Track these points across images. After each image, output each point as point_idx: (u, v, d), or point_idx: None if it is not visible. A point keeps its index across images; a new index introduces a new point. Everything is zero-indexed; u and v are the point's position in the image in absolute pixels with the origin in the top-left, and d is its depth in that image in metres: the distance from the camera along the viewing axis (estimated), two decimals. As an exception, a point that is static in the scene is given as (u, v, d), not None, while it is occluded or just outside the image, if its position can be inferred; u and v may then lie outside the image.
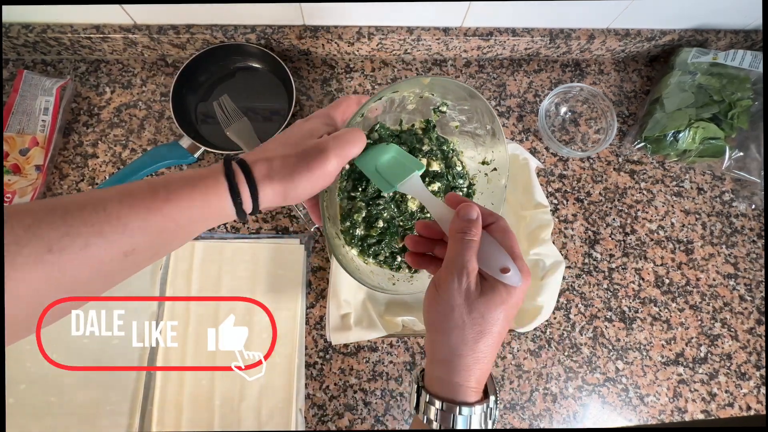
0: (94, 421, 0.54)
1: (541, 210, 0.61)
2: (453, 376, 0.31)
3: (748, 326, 0.65)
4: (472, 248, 0.31)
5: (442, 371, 0.32)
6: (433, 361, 0.33)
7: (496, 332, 0.31)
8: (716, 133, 0.64)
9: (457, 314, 0.30)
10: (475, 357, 0.31)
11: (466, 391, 0.31)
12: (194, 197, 0.29)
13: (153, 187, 0.28)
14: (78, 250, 0.25)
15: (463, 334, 0.30)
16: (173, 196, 0.28)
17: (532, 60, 0.75)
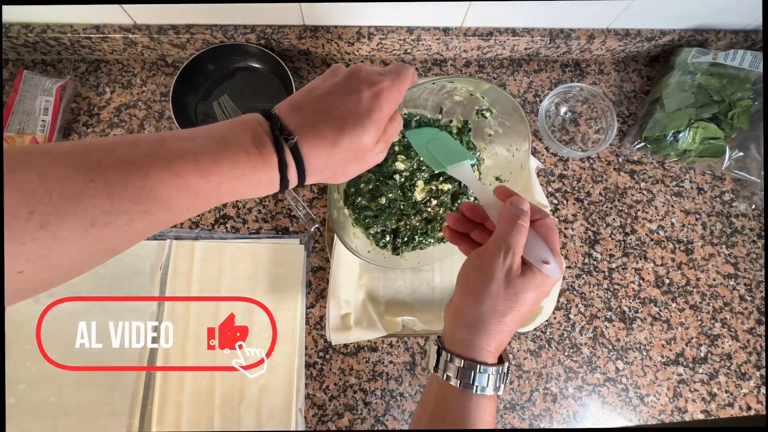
0: (94, 421, 0.54)
1: (541, 210, 0.61)
2: (476, 339, 0.34)
3: (748, 326, 0.65)
4: (522, 233, 0.34)
5: (465, 333, 0.35)
6: (458, 323, 0.36)
7: (523, 310, 0.34)
8: (716, 133, 0.64)
9: (494, 286, 0.33)
10: (500, 327, 0.34)
11: (485, 353, 0.34)
12: (246, 183, 0.28)
13: (199, 169, 0.26)
14: (122, 225, 0.25)
15: (495, 304, 0.34)
16: (224, 185, 0.27)
17: (532, 60, 0.75)
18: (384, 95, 0.31)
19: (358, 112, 0.30)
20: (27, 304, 0.56)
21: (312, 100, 0.30)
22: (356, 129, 0.30)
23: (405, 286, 0.62)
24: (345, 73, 0.32)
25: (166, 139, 0.26)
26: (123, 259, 0.60)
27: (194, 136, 0.27)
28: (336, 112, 0.30)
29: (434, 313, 0.60)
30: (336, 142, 0.29)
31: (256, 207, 0.65)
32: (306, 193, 0.66)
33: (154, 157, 0.25)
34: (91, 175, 0.23)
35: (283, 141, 0.29)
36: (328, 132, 0.29)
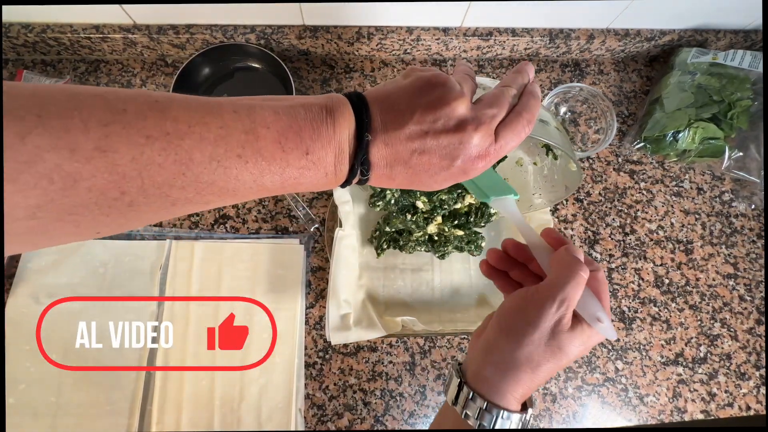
0: (94, 421, 0.54)
1: (541, 210, 0.61)
2: (503, 383, 0.32)
3: (747, 326, 0.65)
4: (580, 286, 0.31)
5: (493, 373, 0.32)
6: (487, 360, 0.33)
7: (562, 364, 0.32)
8: (716, 133, 0.64)
9: (537, 335, 0.31)
10: (532, 377, 0.32)
11: (510, 400, 0.32)
12: (308, 189, 0.28)
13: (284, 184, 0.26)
14: (200, 206, 0.26)
15: (532, 353, 0.31)
16: (300, 186, 0.27)
17: (532, 60, 0.75)
18: (477, 172, 0.30)
19: (436, 178, 0.29)
20: (27, 304, 0.57)
21: (405, 140, 0.28)
22: (422, 186, 0.30)
23: (405, 286, 0.62)
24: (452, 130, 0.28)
25: (259, 135, 0.25)
26: (123, 259, 0.60)
27: (284, 136, 0.26)
28: (418, 170, 0.29)
29: (434, 313, 0.60)
30: (401, 186, 0.30)
31: (256, 207, 0.65)
32: (306, 194, 0.66)
33: (246, 161, 0.25)
34: (183, 168, 0.23)
35: (359, 173, 0.28)
36: (400, 179, 0.29)
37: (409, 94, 0.28)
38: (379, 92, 0.29)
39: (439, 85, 0.28)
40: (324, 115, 0.27)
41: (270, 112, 0.26)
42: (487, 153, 0.29)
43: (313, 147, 0.26)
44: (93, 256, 0.59)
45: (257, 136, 0.25)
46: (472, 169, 0.29)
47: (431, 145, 0.28)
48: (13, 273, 0.58)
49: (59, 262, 0.59)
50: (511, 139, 0.29)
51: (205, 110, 0.24)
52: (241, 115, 0.25)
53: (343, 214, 0.58)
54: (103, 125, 0.21)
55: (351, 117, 0.27)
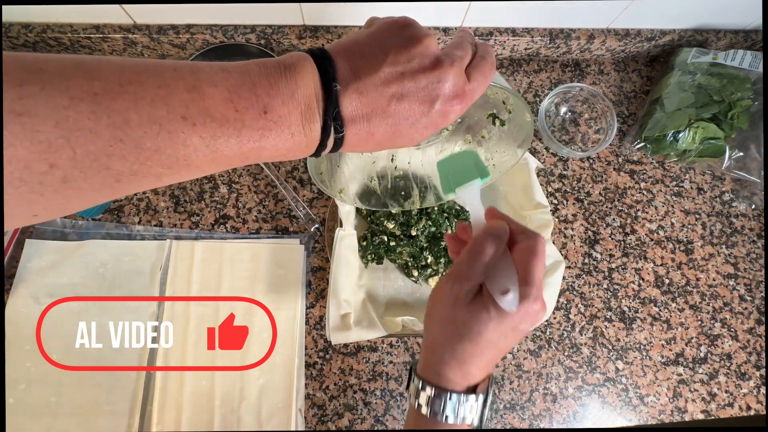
0: (94, 421, 0.54)
1: (541, 210, 0.61)
2: (437, 365, 0.33)
3: (748, 326, 0.65)
4: (476, 260, 0.31)
5: (428, 356, 0.34)
6: (424, 346, 0.35)
7: (481, 343, 0.31)
8: (716, 133, 0.64)
9: (442, 311, 0.32)
10: (453, 354, 0.32)
11: (448, 381, 0.32)
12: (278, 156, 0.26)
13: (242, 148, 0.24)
14: (149, 183, 0.23)
15: (442, 330, 0.33)
16: (260, 159, 0.25)
17: (532, 60, 0.75)
18: (451, 117, 0.28)
19: (417, 126, 0.27)
20: (27, 304, 0.56)
21: (380, 86, 0.25)
22: (405, 139, 0.28)
23: (405, 286, 0.62)
24: (429, 69, 0.27)
25: (205, 94, 0.22)
26: (123, 259, 0.60)
27: (237, 95, 0.23)
28: (397, 120, 0.26)
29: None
30: (381, 143, 0.28)
31: (256, 207, 0.65)
32: (306, 193, 0.66)
33: (193, 124, 0.22)
34: (119, 132, 0.20)
35: (333, 130, 0.25)
36: (380, 134, 0.27)
37: (378, 39, 0.27)
38: (343, 42, 0.27)
39: (407, 25, 0.28)
40: (281, 69, 0.24)
41: (217, 69, 0.23)
42: (463, 93, 0.28)
43: (271, 104, 0.23)
44: (93, 256, 0.59)
45: (203, 94, 0.22)
46: (450, 111, 0.28)
47: (410, 87, 0.26)
48: (13, 273, 0.58)
49: (59, 262, 0.59)
50: (482, 81, 0.29)
51: (140, 69, 0.22)
52: (182, 73, 0.22)
53: (344, 214, 0.58)
54: (17, 85, 0.19)
55: (313, 69, 0.25)
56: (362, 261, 0.61)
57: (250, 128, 0.23)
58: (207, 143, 0.23)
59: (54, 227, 0.61)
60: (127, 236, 0.62)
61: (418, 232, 0.61)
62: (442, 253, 0.61)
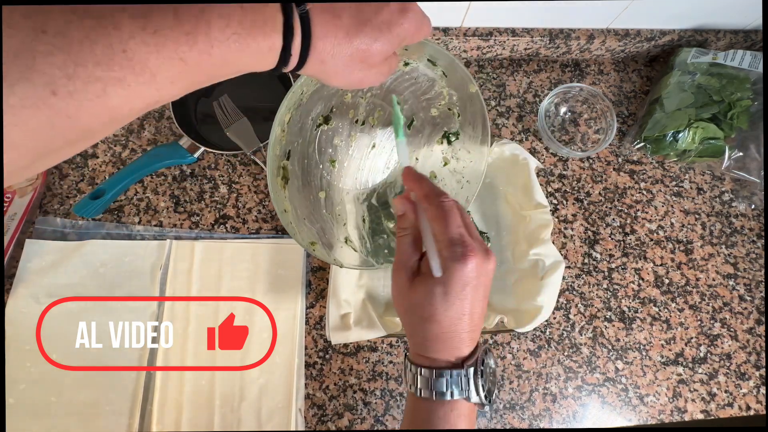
0: (94, 421, 0.54)
1: (541, 210, 0.61)
2: (421, 348, 0.34)
3: (747, 326, 0.65)
4: (403, 243, 0.35)
5: (411, 343, 0.36)
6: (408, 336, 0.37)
7: (441, 320, 0.32)
8: (716, 133, 0.64)
9: (399, 303, 0.34)
10: (426, 336, 0.33)
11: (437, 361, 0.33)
12: (242, 49, 0.23)
13: (183, 26, 0.21)
14: (93, 97, 0.20)
15: (408, 319, 0.35)
16: (216, 49, 0.22)
17: (532, 60, 0.75)
18: (409, 14, 0.29)
19: (382, 16, 0.27)
20: (27, 304, 0.57)
21: None
22: (374, 31, 0.27)
23: (405, 286, 0.62)
24: None
25: None
26: (123, 259, 0.60)
27: None
28: (362, 4, 0.26)
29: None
30: (350, 35, 0.26)
31: (256, 207, 0.65)
32: (306, 193, 0.66)
33: (122, 6, 0.20)
34: (40, 24, 0.18)
35: (294, 4, 0.24)
36: (347, 18, 0.26)
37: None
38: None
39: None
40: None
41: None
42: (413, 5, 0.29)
43: None
44: (93, 256, 0.59)
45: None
46: (408, 8, 0.29)
47: None
48: (14, 273, 0.58)
49: (59, 262, 0.59)
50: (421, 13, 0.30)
51: None
52: None
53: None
54: None
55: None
56: None
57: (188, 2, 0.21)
58: (141, 24, 0.20)
59: (54, 227, 0.61)
60: (127, 236, 0.62)
61: None
62: None
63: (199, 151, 0.64)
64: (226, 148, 0.64)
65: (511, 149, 0.64)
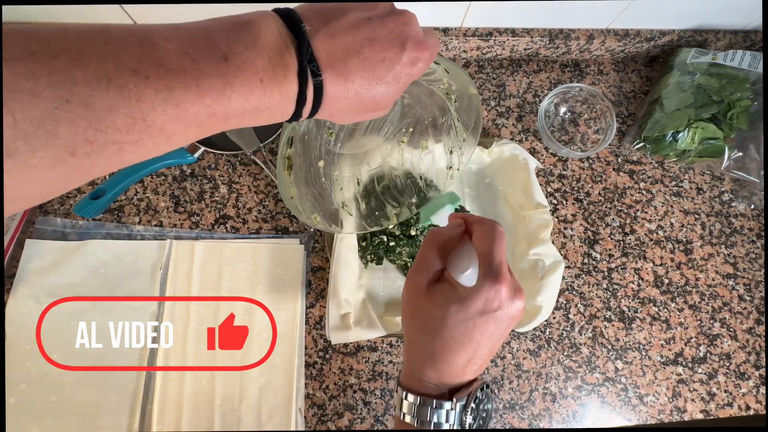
0: (95, 420, 0.54)
1: (541, 210, 0.61)
2: (415, 370, 0.32)
3: (747, 326, 0.65)
4: (430, 247, 0.32)
5: (407, 362, 0.33)
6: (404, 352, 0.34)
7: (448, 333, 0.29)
8: (715, 134, 0.64)
9: (407, 307, 0.32)
10: (425, 350, 0.31)
11: (428, 386, 0.31)
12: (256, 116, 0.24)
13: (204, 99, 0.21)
14: (110, 155, 0.20)
15: (411, 327, 0.32)
16: (233, 119, 0.23)
17: (532, 60, 0.75)
18: (420, 65, 0.28)
19: (393, 71, 0.27)
20: (27, 303, 0.57)
21: (352, 29, 0.25)
22: (384, 88, 0.27)
23: (405, 286, 0.62)
24: (396, 14, 0.28)
25: (158, 47, 0.20)
26: (123, 259, 0.60)
27: (193, 46, 0.21)
28: (373, 61, 0.25)
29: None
30: (360, 94, 0.26)
31: (256, 207, 0.65)
32: (306, 193, 0.66)
33: (146, 77, 0.20)
34: (66, 93, 0.18)
35: (310, 75, 0.24)
36: (358, 81, 0.25)
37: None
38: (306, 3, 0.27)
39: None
40: (239, 21, 0.23)
41: (169, 26, 0.22)
42: (426, 42, 0.29)
43: (232, 50, 0.22)
44: (93, 256, 0.59)
45: (155, 47, 0.20)
46: (419, 58, 0.28)
47: (379, 30, 0.26)
48: (14, 273, 0.58)
49: (59, 262, 0.59)
50: (434, 42, 0.31)
51: (84, 28, 0.20)
52: (131, 30, 0.21)
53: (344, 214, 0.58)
54: None
55: (276, 18, 0.24)
56: (362, 261, 0.61)
57: (211, 76, 0.21)
58: (164, 97, 0.20)
59: (54, 227, 0.61)
60: (128, 236, 0.62)
61: (417, 232, 0.61)
62: None
63: (199, 151, 0.64)
64: (226, 148, 0.65)
65: (511, 149, 0.64)
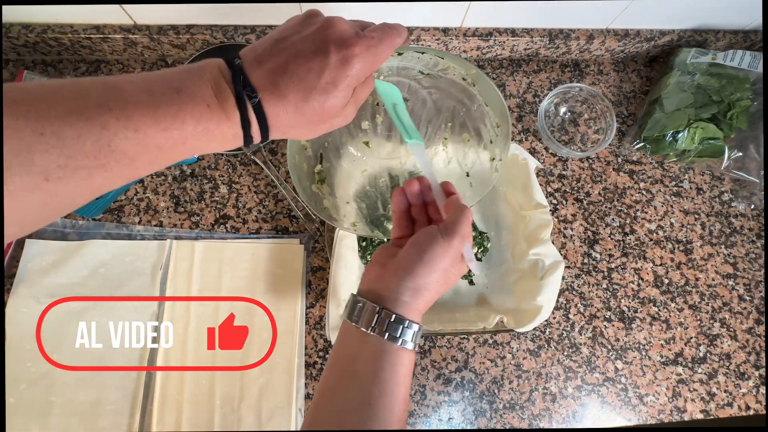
0: (95, 420, 0.54)
1: (541, 210, 0.61)
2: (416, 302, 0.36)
3: (747, 326, 0.65)
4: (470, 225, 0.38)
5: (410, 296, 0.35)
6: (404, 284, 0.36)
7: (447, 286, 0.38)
8: (715, 134, 0.64)
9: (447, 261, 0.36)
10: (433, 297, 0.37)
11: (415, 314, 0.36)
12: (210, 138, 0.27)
13: (160, 124, 0.25)
14: (80, 179, 0.23)
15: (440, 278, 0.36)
16: (189, 141, 0.26)
17: (532, 60, 0.75)
18: (354, 63, 0.29)
19: (323, 77, 0.28)
20: (27, 304, 0.57)
21: (277, 52, 0.28)
22: (321, 96, 0.28)
23: (405, 286, 0.62)
24: (317, 25, 0.29)
25: (121, 88, 0.24)
26: (123, 259, 0.60)
27: (151, 85, 0.25)
28: (300, 74, 0.27)
29: (434, 313, 0.60)
30: (299, 108, 0.28)
31: (256, 207, 0.65)
32: (306, 193, 0.66)
33: (109, 108, 0.23)
34: (40, 127, 0.22)
35: (246, 98, 0.27)
36: (292, 95, 0.28)
37: (276, 29, 0.30)
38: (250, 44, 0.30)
39: (311, 14, 0.30)
40: (191, 66, 0.27)
41: (134, 75, 0.26)
42: (358, 37, 0.29)
43: (183, 85, 0.26)
44: (93, 256, 0.59)
45: (119, 88, 0.24)
46: (351, 56, 0.28)
47: (301, 45, 0.28)
48: (14, 273, 0.58)
49: (59, 262, 0.59)
50: (381, 33, 0.31)
51: (59, 82, 0.24)
52: (100, 78, 0.25)
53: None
54: None
55: (219, 60, 0.28)
56: (362, 261, 0.61)
57: (166, 104, 0.25)
58: (124, 124, 0.23)
59: (54, 227, 0.61)
60: (128, 236, 0.62)
61: None
62: None
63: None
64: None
65: (511, 149, 0.64)
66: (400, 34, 0.32)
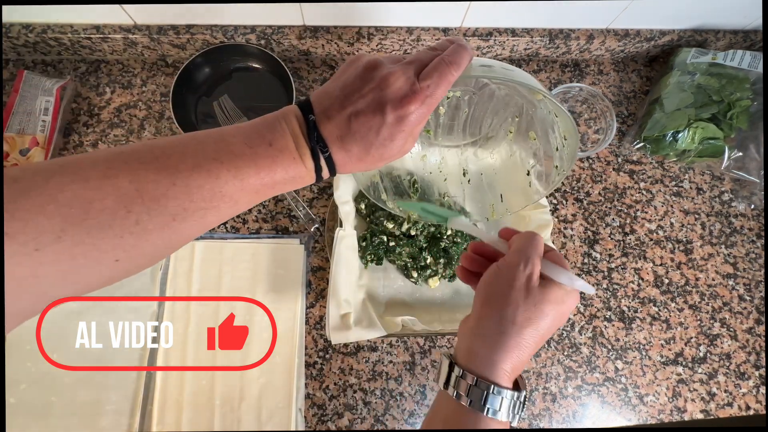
0: (95, 420, 0.54)
1: (541, 210, 0.61)
2: (492, 353, 0.33)
3: (747, 326, 0.65)
4: (540, 245, 0.35)
5: (482, 346, 0.34)
6: (475, 335, 0.35)
7: (543, 327, 0.34)
8: (715, 133, 0.64)
9: (515, 294, 0.33)
10: (518, 341, 0.33)
11: (501, 373, 0.33)
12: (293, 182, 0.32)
13: (260, 173, 0.30)
14: (197, 219, 0.29)
15: (515, 313, 0.33)
16: (278, 185, 0.32)
17: (532, 60, 0.75)
18: (410, 118, 0.31)
19: (381, 135, 0.31)
20: (27, 304, 0.56)
21: (342, 109, 0.31)
22: (379, 149, 0.32)
23: (405, 286, 0.62)
24: (374, 83, 0.31)
25: (228, 142, 0.30)
26: (123, 259, 0.60)
27: (250, 140, 0.31)
28: (362, 132, 0.31)
29: (434, 313, 0.60)
30: (362, 157, 0.32)
31: (256, 207, 0.65)
32: (306, 193, 0.66)
33: (221, 162, 0.29)
34: (173, 179, 0.28)
35: (319, 152, 0.31)
36: (355, 149, 0.32)
37: (341, 78, 0.33)
38: (320, 88, 0.34)
39: (370, 67, 0.32)
40: (277, 116, 0.32)
41: (233, 128, 0.31)
42: (413, 92, 0.30)
43: (274, 138, 0.31)
44: (93, 256, 0.59)
45: (226, 142, 0.30)
46: (405, 114, 0.30)
47: (360, 104, 0.31)
48: (14, 273, 0.58)
49: (59, 262, 0.59)
50: (437, 79, 0.31)
51: (182, 138, 0.30)
52: (210, 134, 0.31)
53: (344, 214, 0.58)
54: (106, 161, 0.27)
55: (297, 110, 0.32)
56: (362, 261, 0.61)
57: (262, 157, 0.30)
58: (233, 174, 0.29)
59: (54, 227, 0.61)
60: (128, 236, 0.62)
61: (417, 232, 0.61)
62: (441, 254, 0.61)
63: (199, 151, 0.64)
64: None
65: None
66: (459, 66, 0.32)
